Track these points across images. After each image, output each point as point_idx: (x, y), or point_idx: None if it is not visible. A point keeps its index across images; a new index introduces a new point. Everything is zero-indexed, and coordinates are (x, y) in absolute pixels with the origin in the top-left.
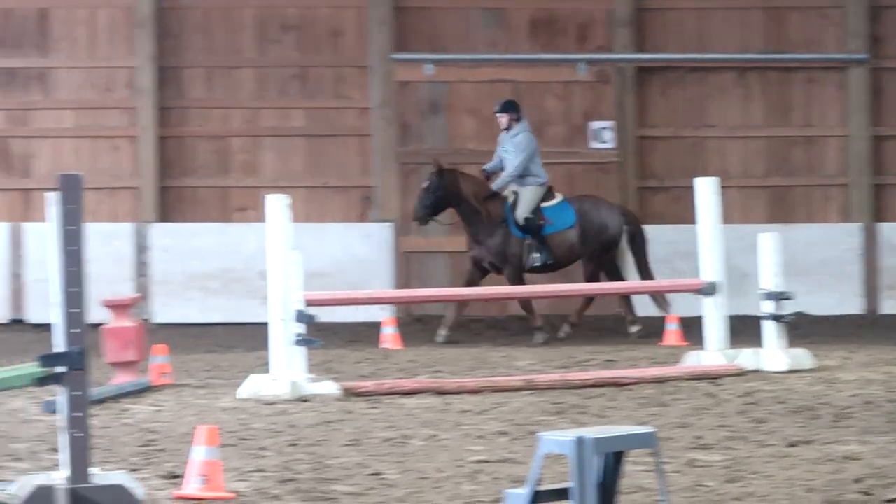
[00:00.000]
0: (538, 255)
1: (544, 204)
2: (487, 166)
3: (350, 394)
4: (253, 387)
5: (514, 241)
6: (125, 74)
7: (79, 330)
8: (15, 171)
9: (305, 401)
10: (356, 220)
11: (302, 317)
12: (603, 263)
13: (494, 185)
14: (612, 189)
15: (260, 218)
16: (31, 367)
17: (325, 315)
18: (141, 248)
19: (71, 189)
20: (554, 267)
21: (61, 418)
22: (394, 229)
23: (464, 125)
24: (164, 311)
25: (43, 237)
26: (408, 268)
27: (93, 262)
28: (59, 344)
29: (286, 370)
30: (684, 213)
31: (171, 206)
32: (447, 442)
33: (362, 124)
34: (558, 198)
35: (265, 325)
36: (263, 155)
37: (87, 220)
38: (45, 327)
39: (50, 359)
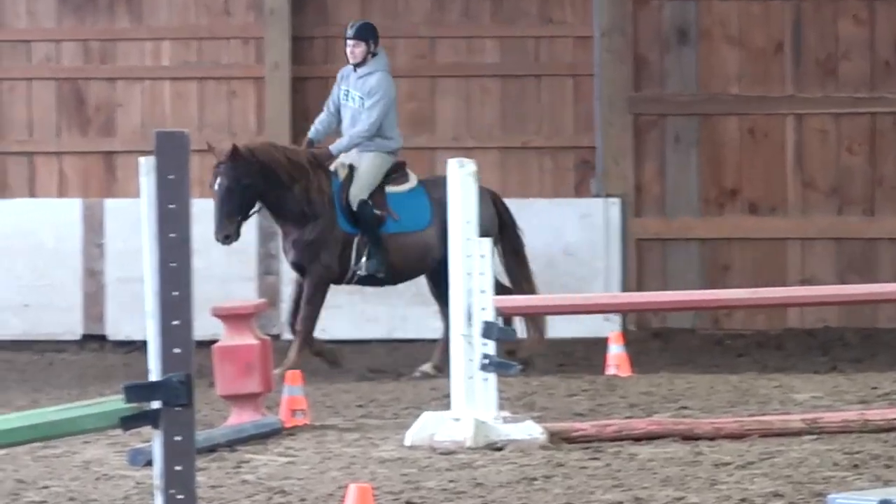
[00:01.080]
0: (366, 261)
1: (392, 189)
2: (314, 130)
3: (560, 439)
4: (425, 429)
5: (336, 236)
6: None
7: (181, 350)
8: (93, 126)
9: (498, 449)
10: (570, 195)
11: (493, 331)
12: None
13: (333, 147)
14: None
15: None
16: (114, 402)
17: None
18: (268, 235)
19: (172, 152)
20: (386, 282)
21: (155, 473)
22: (623, 207)
23: (723, 61)
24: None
25: (131, 219)
26: (643, 262)
27: (201, 254)
28: (153, 369)
29: (471, 406)
30: None
31: None
32: None
33: (581, 60)
34: (412, 182)
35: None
36: (441, 103)
37: (195, 195)
38: (134, 345)
39: (140, 390)
